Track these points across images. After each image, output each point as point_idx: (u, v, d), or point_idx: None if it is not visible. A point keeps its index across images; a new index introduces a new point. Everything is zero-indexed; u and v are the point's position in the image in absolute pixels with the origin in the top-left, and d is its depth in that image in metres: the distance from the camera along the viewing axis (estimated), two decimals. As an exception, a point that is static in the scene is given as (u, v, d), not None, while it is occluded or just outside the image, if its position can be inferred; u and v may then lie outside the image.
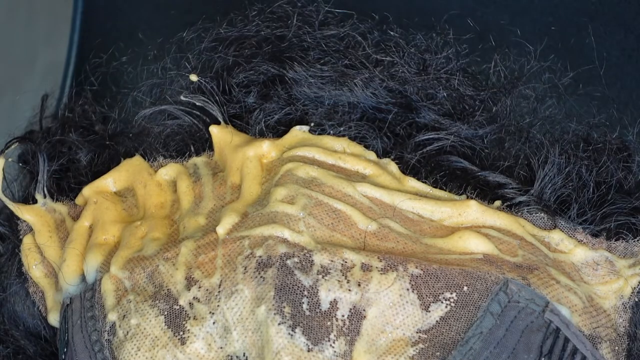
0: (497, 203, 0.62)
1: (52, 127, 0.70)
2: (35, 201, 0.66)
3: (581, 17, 0.83)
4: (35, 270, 0.64)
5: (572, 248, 0.60)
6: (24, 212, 0.65)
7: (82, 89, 0.75)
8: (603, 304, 0.60)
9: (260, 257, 0.55)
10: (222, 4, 0.73)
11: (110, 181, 0.65)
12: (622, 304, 0.60)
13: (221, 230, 0.58)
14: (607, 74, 0.79)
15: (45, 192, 0.65)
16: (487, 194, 0.62)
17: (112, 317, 0.57)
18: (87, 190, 0.64)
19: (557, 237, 0.61)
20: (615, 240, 0.61)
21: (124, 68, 0.75)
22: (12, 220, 0.66)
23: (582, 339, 0.56)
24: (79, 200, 0.65)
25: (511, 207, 0.62)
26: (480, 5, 0.86)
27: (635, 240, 0.61)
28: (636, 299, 0.60)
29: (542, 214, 0.61)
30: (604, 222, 0.61)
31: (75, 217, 0.65)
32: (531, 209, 0.61)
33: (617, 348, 0.59)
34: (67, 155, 0.67)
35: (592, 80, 0.78)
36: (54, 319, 0.63)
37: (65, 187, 0.67)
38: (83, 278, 0.61)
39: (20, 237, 0.65)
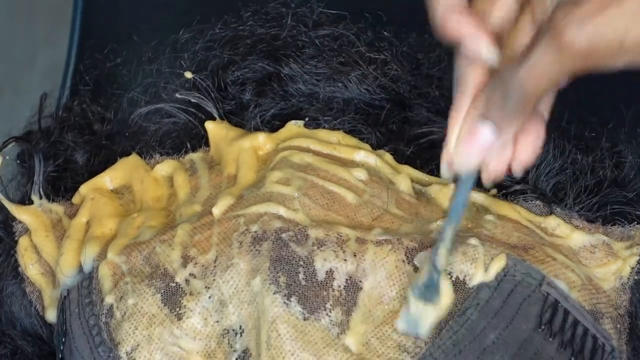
0: (493, 191, 0.62)
1: (51, 126, 0.70)
2: (31, 202, 0.66)
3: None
4: (32, 270, 0.64)
5: (569, 233, 0.60)
6: (20, 213, 0.65)
7: (81, 88, 0.75)
8: (602, 285, 0.59)
9: (255, 232, 0.56)
10: (223, 3, 0.73)
11: (107, 179, 0.65)
12: (622, 284, 0.60)
13: (217, 210, 0.58)
14: (606, 74, 0.78)
15: (42, 193, 0.65)
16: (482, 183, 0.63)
17: (109, 299, 0.57)
18: (84, 188, 0.65)
19: (553, 223, 0.61)
20: (612, 226, 0.61)
21: (123, 68, 0.75)
22: (7, 222, 0.66)
23: (582, 312, 0.56)
24: (75, 199, 0.65)
25: (507, 195, 0.62)
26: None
27: (631, 225, 0.61)
28: (635, 278, 0.60)
29: (538, 202, 0.61)
30: (600, 210, 0.62)
31: (72, 216, 0.65)
32: (527, 197, 0.61)
33: (618, 326, 0.59)
34: (63, 156, 0.67)
35: (588, 79, 0.78)
36: (51, 315, 0.63)
37: (62, 188, 0.67)
38: (80, 270, 0.61)
39: (16, 238, 0.65)
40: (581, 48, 0.44)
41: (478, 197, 0.61)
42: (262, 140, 0.62)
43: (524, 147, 0.51)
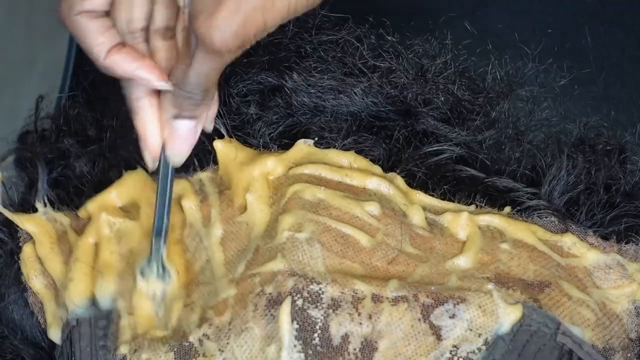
0: (507, 209, 0.61)
1: (48, 131, 0.70)
2: (35, 209, 0.65)
3: (582, 17, 0.82)
4: (36, 282, 0.63)
5: (585, 252, 0.60)
6: (24, 222, 0.64)
7: (77, 92, 0.75)
8: (615, 308, 0.59)
9: (270, 294, 0.55)
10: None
11: (114, 195, 0.63)
12: (635, 307, 0.59)
13: (236, 275, 0.58)
14: (607, 74, 0.79)
15: (46, 200, 0.64)
16: (496, 200, 0.62)
17: (123, 350, 0.57)
18: (92, 205, 0.63)
19: (569, 241, 0.60)
20: (625, 244, 0.61)
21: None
22: (12, 225, 0.65)
23: (595, 357, 0.56)
24: (82, 213, 0.64)
25: (521, 212, 0.62)
26: (479, 5, 0.85)
27: None
28: None
29: (553, 219, 0.61)
30: (612, 225, 0.61)
31: (78, 230, 0.64)
32: (541, 213, 0.61)
33: (629, 355, 0.59)
34: (64, 163, 0.66)
35: (592, 81, 0.78)
36: (55, 335, 0.62)
37: (65, 196, 0.66)
38: (92, 300, 0.60)
39: (20, 243, 0.64)
40: (233, 45, 0.53)
41: (493, 219, 0.60)
42: (272, 165, 0.61)
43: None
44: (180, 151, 0.58)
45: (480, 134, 0.64)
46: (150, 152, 0.59)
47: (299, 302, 0.54)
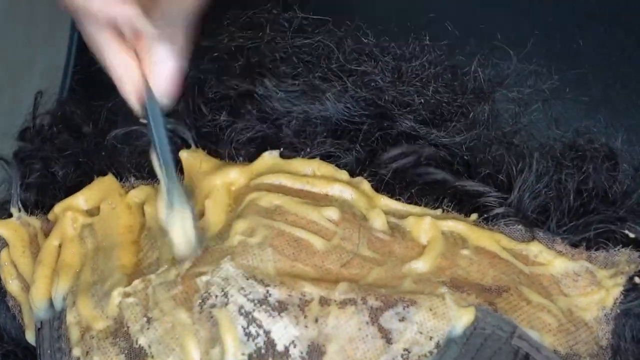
0: (474, 216, 0.61)
1: (45, 127, 0.70)
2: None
3: (581, 17, 0.81)
4: (12, 285, 0.64)
5: (551, 259, 0.59)
6: None
7: (74, 90, 0.75)
8: (584, 316, 0.58)
9: (216, 296, 0.55)
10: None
11: (81, 200, 0.64)
12: (605, 315, 0.58)
13: (182, 270, 0.57)
14: (607, 75, 0.78)
15: (20, 205, 0.65)
16: (465, 204, 0.61)
17: (76, 352, 0.57)
18: (58, 208, 0.64)
19: (535, 249, 0.60)
20: (595, 250, 0.60)
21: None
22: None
23: None
24: (50, 216, 0.65)
25: (488, 219, 0.61)
26: (478, 5, 0.85)
27: (616, 249, 0.60)
28: (618, 311, 0.59)
29: (520, 226, 0.60)
30: (583, 232, 0.60)
31: (47, 233, 0.64)
32: (509, 221, 0.60)
33: None
34: (45, 167, 0.67)
35: (591, 82, 0.77)
36: (30, 337, 0.63)
37: (43, 201, 0.66)
38: (51, 303, 0.61)
39: None
40: None
41: (457, 225, 0.59)
42: (235, 176, 0.61)
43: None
44: (167, 87, 0.55)
45: (459, 136, 0.63)
46: (135, 90, 0.55)
47: (245, 304, 0.53)
